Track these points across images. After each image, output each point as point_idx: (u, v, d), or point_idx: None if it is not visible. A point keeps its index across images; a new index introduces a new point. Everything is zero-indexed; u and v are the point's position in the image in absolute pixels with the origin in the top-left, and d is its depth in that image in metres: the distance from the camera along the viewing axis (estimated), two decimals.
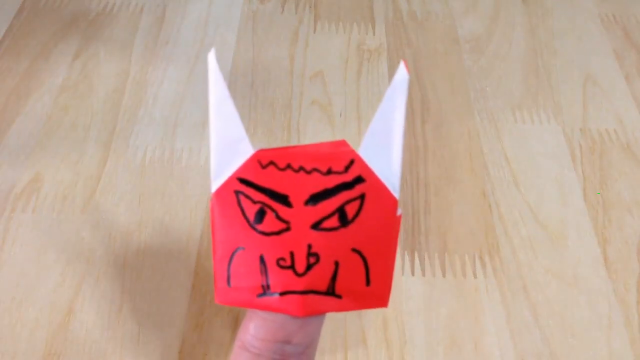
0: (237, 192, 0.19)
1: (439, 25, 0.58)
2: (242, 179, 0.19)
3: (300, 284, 0.19)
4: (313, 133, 0.48)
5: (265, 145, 0.47)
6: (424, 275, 0.39)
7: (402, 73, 0.19)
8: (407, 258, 0.40)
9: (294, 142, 0.47)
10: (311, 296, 0.19)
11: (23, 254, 0.40)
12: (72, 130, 0.48)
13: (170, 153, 0.46)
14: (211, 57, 0.19)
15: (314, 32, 0.56)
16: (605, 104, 0.50)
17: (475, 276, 0.39)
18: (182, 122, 0.48)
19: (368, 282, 0.20)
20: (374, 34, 0.56)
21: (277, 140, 0.47)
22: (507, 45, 0.56)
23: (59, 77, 0.52)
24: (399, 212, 0.20)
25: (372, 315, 0.37)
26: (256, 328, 0.20)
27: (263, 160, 0.19)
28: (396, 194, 0.20)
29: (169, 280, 0.39)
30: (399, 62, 0.54)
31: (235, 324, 0.37)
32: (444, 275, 0.39)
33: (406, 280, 0.39)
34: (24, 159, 0.45)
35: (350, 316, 0.37)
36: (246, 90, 0.51)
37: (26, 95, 0.50)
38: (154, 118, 0.49)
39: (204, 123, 0.48)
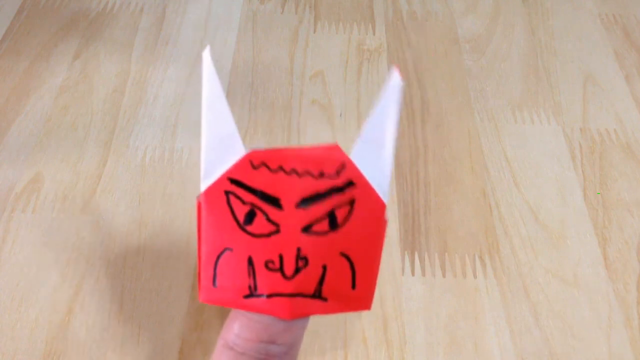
0: (227, 192, 0.19)
1: (439, 25, 0.58)
2: (232, 179, 0.19)
3: (288, 287, 0.19)
4: (313, 133, 0.48)
5: (265, 145, 0.47)
6: (424, 275, 0.39)
7: (395, 79, 0.19)
8: (407, 258, 0.40)
9: (294, 142, 0.47)
10: (298, 299, 0.20)
11: (23, 254, 0.40)
12: (72, 130, 0.48)
13: (170, 153, 0.46)
14: (206, 55, 0.18)
15: (314, 32, 0.56)
16: (605, 104, 0.50)
17: (475, 276, 0.39)
18: (182, 122, 0.48)
19: (354, 286, 0.20)
20: (374, 34, 0.56)
21: (277, 140, 0.47)
22: (507, 45, 0.56)
23: (59, 77, 0.52)
24: (386, 216, 0.20)
25: (372, 315, 0.37)
26: (241, 327, 0.20)
27: (255, 160, 0.19)
28: (385, 198, 0.20)
29: (169, 280, 0.39)
30: (399, 62, 0.54)
31: None
32: (444, 275, 0.39)
33: (406, 280, 0.39)
34: (24, 159, 0.45)
35: (350, 316, 0.37)
36: (246, 90, 0.51)
37: (26, 95, 0.50)
38: (154, 118, 0.49)
39: None
